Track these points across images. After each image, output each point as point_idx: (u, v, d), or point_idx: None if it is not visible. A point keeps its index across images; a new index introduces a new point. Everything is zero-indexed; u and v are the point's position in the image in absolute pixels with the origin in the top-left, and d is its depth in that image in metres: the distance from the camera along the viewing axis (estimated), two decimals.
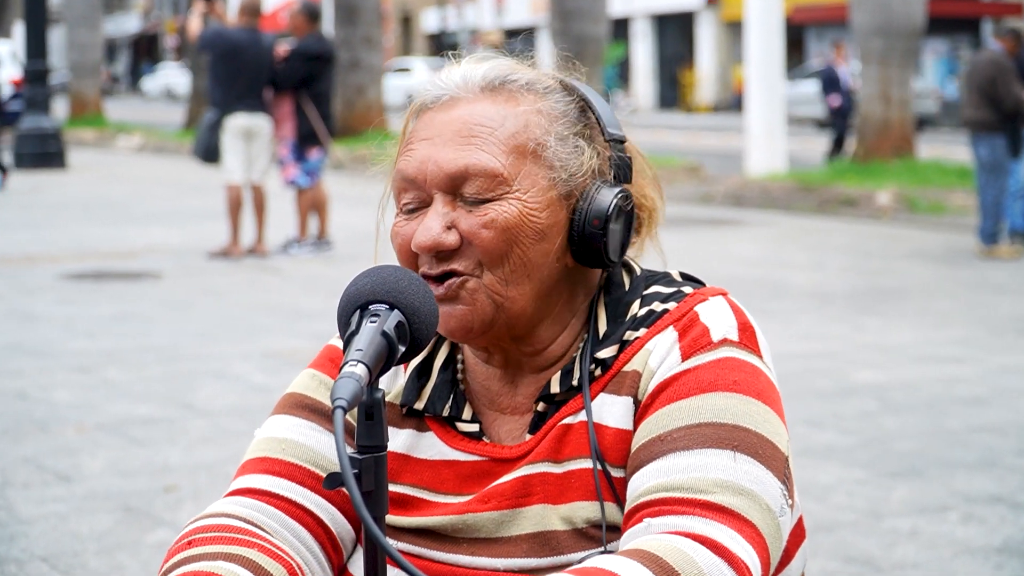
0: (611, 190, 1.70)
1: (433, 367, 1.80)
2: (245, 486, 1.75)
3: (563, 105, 1.73)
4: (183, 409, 6.58)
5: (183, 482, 5.40)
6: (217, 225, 12.86)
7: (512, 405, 1.77)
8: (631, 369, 1.69)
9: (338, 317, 1.55)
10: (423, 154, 1.69)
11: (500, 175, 1.66)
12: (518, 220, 1.66)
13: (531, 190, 1.67)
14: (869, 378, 7.36)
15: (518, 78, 1.73)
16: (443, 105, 1.71)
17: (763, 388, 1.66)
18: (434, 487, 1.75)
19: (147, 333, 8.51)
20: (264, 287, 10.51)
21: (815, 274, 11.21)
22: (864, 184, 16.39)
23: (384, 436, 1.47)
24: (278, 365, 7.53)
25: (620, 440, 1.67)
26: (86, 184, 19.12)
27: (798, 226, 14.87)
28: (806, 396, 6.87)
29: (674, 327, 1.69)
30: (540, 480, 1.69)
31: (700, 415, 1.62)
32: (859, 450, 5.94)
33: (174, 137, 26.95)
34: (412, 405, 1.78)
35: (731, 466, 1.58)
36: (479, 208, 1.66)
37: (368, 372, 1.44)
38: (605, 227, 1.69)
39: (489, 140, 1.67)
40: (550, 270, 1.69)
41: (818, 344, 8.26)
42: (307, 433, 1.78)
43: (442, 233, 1.66)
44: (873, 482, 5.48)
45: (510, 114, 1.69)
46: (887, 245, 13.25)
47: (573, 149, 1.70)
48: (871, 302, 9.84)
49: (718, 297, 1.73)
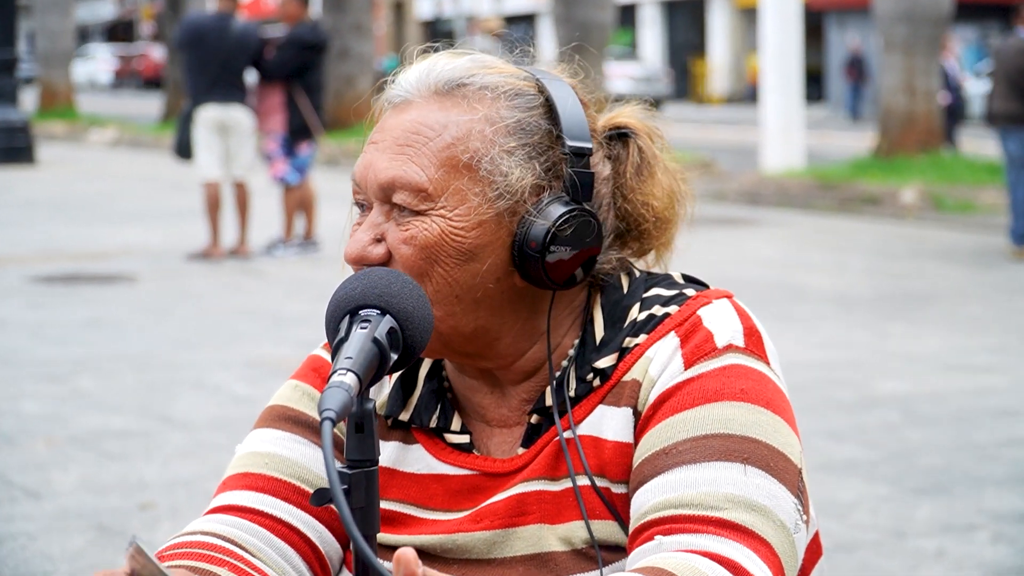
0: (558, 209, 1.67)
1: (418, 376, 1.80)
2: (226, 503, 1.76)
3: (520, 112, 1.69)
4: (160, 421, 6.59)
5: (160, 499, 5.40)
6: (197, 225, 12.88)
7: (500, 417, 1.77)
8: (631, 378, 1.69)
9: (326, 323, 1.55)
10: (368, 158, 1.70)
11: (425, 189, 1.65)
12: (438, 239, 1.65)
13: (459, 207, 1.65)
14: (893, 388, 7.36)
15: (474, 81, 1.70)
16: (397, 107, 1.72)
17: (772, 396, 1.66)
18: (422, 503, 1.75)
19: (121, 340, 8.51)
20: (247, 291, 10.52)
21: (836, 277, 11.22)
22: (888, 181, 16.39)
23: (375, 449, 1.48)
24: (261, 374, 7.53)
25: (620, 454, 1.67)
26: (56, 181, 19.13)
27: (817, 226, 14.87)
28: (826, 407, 6.87)
29: (676, 333, 1.69)
30: (536, 498, 1.69)
31: (707, 426, 1.62)
32: (882, 465, 5.94)
33: (151, 130, 26.96)
34: (397, 416, 1.78)
35: (742, 480, 1.59)
36: (405, 221, 1.67)
37: (358, 381, 1.44)
38: (544, 250, 1.66)
39: (421, 151, 1.66)
40: (487, 291, 1.67)
41: (839, 352, 8.27)
42: (291, 446, 1.78)
43: (368, 246, 1.67)
44: (897, 499, 5.48)
45: (453, 122, 1.67)
46: (912, 246, 13.26)
47: (519, 163, 1.68)
48: (896, 307, 9.85)
49: (722, 300, 1.73)
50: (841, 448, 6.16)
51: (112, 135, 27.10)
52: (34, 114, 28.77)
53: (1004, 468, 5.91)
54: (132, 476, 5.71)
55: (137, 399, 7.01)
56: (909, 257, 12.53)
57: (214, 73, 11.72)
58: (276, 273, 11.36)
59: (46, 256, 12.08)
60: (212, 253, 11.92)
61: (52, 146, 24.86)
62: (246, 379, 7.44)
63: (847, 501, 5.42)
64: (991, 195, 15.46)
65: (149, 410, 6.79)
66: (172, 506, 5.31)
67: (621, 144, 1.80)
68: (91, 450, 6.08)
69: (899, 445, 6.26)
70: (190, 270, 11.42)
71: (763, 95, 19.06)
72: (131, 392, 7.16)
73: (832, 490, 5.54)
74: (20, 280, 10.78)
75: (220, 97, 11.77)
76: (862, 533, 5.07)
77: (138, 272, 11.20)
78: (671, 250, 1.83)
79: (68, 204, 16.18)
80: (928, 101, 18.09)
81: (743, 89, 45.12)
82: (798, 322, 9.06)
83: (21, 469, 5.79)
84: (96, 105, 36.20)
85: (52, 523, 5.12)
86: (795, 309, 9.51)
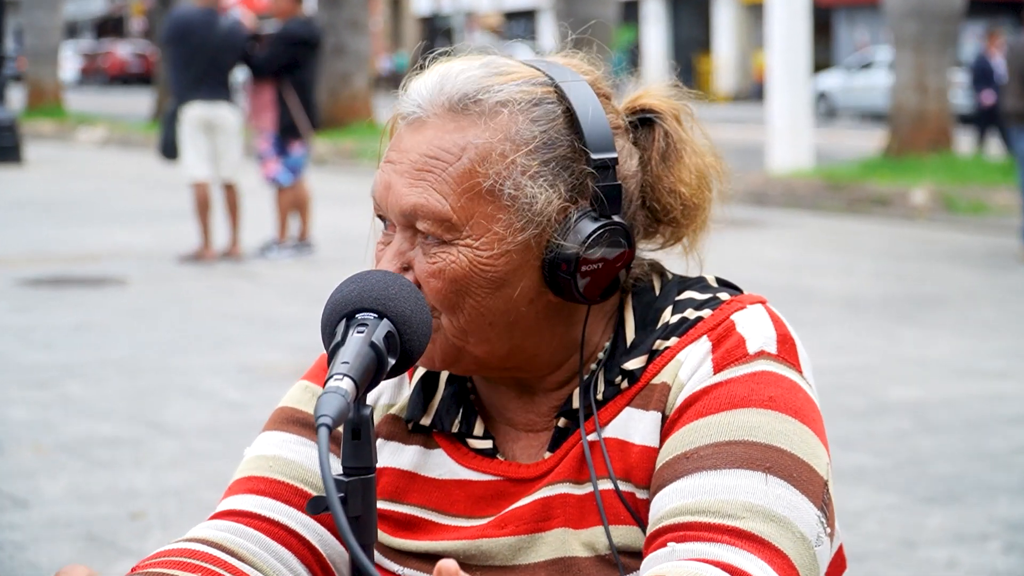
0: (587, 226, 1.67)
1: (440, 379, 1.80)
2: (227, 508, 1.77)
3: (540, 126, 1.68)
4: (150, 428, 6.59)
5: (150, 508, 5.40)
6: (188, 226, 12.88)
7: (527, 422, 1.77)
8: (660, 381, 1.69)
9: (322, 327, 1.56)
10: (387, 179, 1.69)
11: (449, 219, 1.64)
12: (468, 271, 1.64)
13: (484, 235, 1.65)
14: (904, 394, 7.36)
15: (490, 95, 1.68)
16: (411, 124, 1.70)
17: (801, 406, 1.66)
18: (444, 508, 1.75)
19: (111, 345, 8.51)
20: (239, 294, 10.52)
21: (844, 280, 11.22)
22: (898, 181, 16.40)
23: (372, 457, 1.48)
24: (254, 380, 7.53)
25: (646, 458, 1.67)
26: (44, 181, 19.13)
27: (826, 227, 14.88)
28: (835, 414, 6.87)
29: (708, 337, 1.69)
30: (560, 502, 1.69)
31: (731, 432, 1.62)
32: (893, 473, 5.95)
33: (141, 129, 26.97)
34: (419, 420, 1.79)
35: (763, 489, 1.58)
36: (431, 252, 1.66)
37: (355, 387, 1.44)
38: (574, 270, 1.66)
39: (441, 178, 1.65)
40: (520, 314, 1.67)
41: (848, 357, 8.27)
42: (297, 449, 1.79)
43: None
44: (908, 508, 5.48)
45: (472, 144, 1.65)
46: (923, 248, 13.26)
47: (544, 186, 1.66)
48: (906, 311, 9.85)
49: (757, 305, 1.73)
50: (850, 456, 6.16)
51: (101, 134, 27.11)
52: (21, 112, 28.79)
53: (1018, 476, 5.91)
54: (122, 484, 5.71)
55: (127, 405, 7.01)
56: (920, 259, 12.54)
57: (200, 70, 11.71)
58: (269, 276, 11.36)
59: (33, 258, 12.08)
60: (203, 255, 11.92)
61: (40, 145, 24.87)
62: (239, 385, 7.44)
63: (856, 510, 5.43)
64: (1004, 196, 15.46)
65: (139, 417, 6.79)
66: (163, 515, 5.31)
67: (645, 129, 1.78)
68: (80, 458, 6.08)
69: (910, 453, 6.26)
70: (181, 273, 11.42)
71: (770, 93, 19.07)
72: (120, 398, 7.16)
73: (841, 499, 5.52)
74: (6, 283, 10.78)
75: (206, 95, 11.77)
76: (872, 543, 5.07)
77: (128, 275, 11.20)
78: (706, 233, 1.81)
79: (56, 205, 16.18)
80: (940, 99, 18.09)
81: (749, 87, 45.13)
82: (806, 326, 9.06)
83: (8, 477, 5.79)
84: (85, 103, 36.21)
85: (40, 532, 5.12)
86: (803, 313, 9.50)
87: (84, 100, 38.45)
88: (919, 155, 17.77)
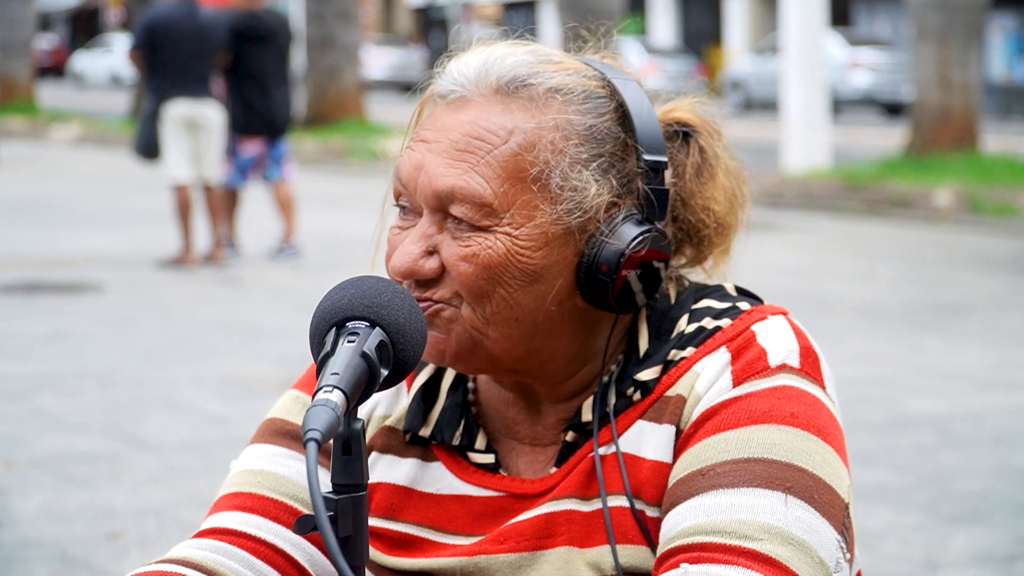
0: (631, 229, 1.68)
1: (440, 388, 1.80)
2: (211, 526, 1.77)
3: (592, 118, 1.69)
4: (128, 443, 6.59)
5: (128, 528, 5.40)
6: (168, 230, 12.88)
7: (533, 435, 1.78)
8: (675, 393, 1.69)
9: (310, 336, 1.56)
10: (418, 158, 1.68)
11: (489, 204, 1.64)
12: (504, 259, 1.65)
13: (525, 225, 1.65)
14: (927, 407, 7.36)
15: (542, 80, 1.69)
16: (452, 103, 1.69)
17: (824, 424, 1.66)
18: (442, 525, 1.76)
19: (86, 355, 8.51)
20: (222, 301, 10.52)
21: (864, 286, 11.22)
22: (920, 182, 16.41)
23: (364, 473, 1.48)
24: (238, 392, 7.53)
25: (658, 474, 1.67)
26: (15, 181, 19.13)
27: (844, 230, 14.89)
28: (854, 427, 6.87)
29: (727, 348, 1.69)
30: (565, 519, 1.70)
31: (749, 449, 1.62)
32: (914, 491, 5.95)
33: (118, 127, 26.97)
34: (418, 431, 1.79)
35: (782, 511, 1.58)
36: (464, 236, 1.66)
37: (345, 399, 1.44)
38: (614, 274, 1.67)
39: (485, 160, 1.65)
40: (548, 314, 1.68)
41: (867, 368, 8.27)
42: (286, 463, 1.79)
43: (419, 259, 1.67)
44: (930, 528, 5.48)
45: (520, 128, 1.66)
46: (947, 253, 13.27)
47: (594, 177, 1.67)
48: (929, 319, 9.85)
49: (778, 316, 1.73)
50: (870, 472, 6.16)
51: (76, 132, 27.11)
52: None
53: None
54: (98, 502, 5.71)
55: (103, 419, 7.01)
56: (943, 264, 12.54)
57: (183, 66, 11.73)
58: (254, 282, 11.36)
59: (4, 263, 12.08)
60: (184, 260, 11.93)
61: (11, 143, 24.86)
62: (221, 397, 7.44)
63: (876, 530, 5.43)
64: None
65: (116, 431, 6.79)
66: (141, 535, 5.31)
67: (680, 142, 1.79)
68: (54, 475, 6.08)
69: (933, 469, 6.27)
70: (160, 279, 11.42)
71: (785, 88, 19.07)
72: (96, 411, 7.16)
73: (860, 518, 5.53)
74: None
75: (191, 91, 11.79)
76: (892, 565, 5.07)
77: (104, 281, 11.20)
78: (729, 257, 1.83)
79: (28, 207, 16.18)
80: (965, 94, 18.10)
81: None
82: (823, 335, 9.06)
83: None
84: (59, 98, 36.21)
85: (12, 553, 5.12)
86: (819, 321, 9.51)
87: (58, 96, 38.46)
88: (943, 154, 17.78)
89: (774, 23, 31.74)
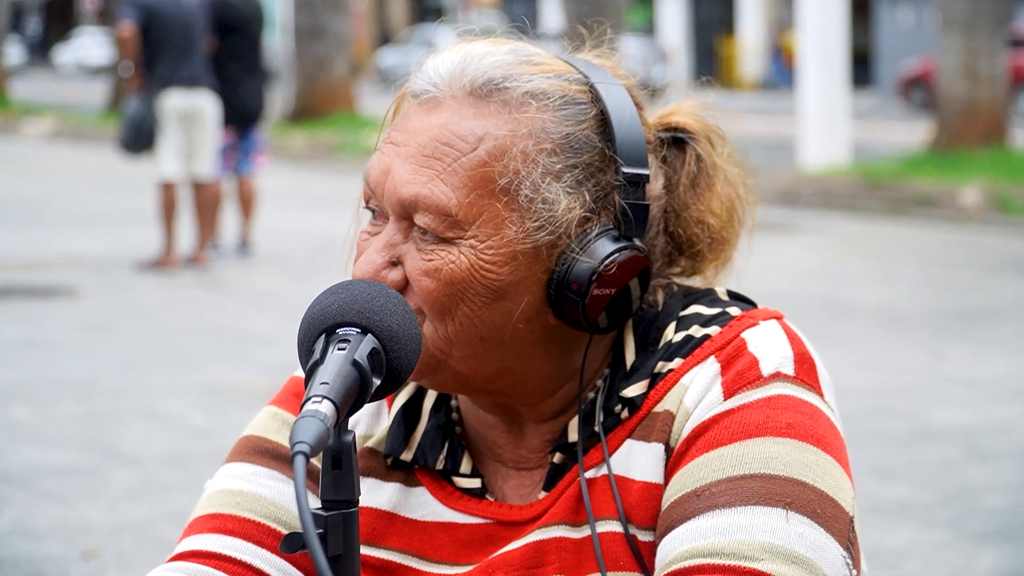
0: (605, 246, 1.67)
1: (423, 408, 1.80)
2: (189, 549, 1.76)
3: (570, 126, 1.68)
4: (105, 457, 6.59)
5: (105, 547, 5.40)
6: (148, 230, 12.88)
7: (517, 458, 1.77)
8: (663, 409, 1.68)
9: (299, 343, 1.55)
10: (387, 162, 1.68)
11: (453, 215, 1.64)
12: (467, 275, 1.64)
13: (491, 238, 1.64)
14: (952, 418, 7.36)
15: (518, 84, 1.68)
16: (424, 104, 1.69)
17: (823, 433, 1.66)
18: (425, 553, 1.75)
19: (61, 363, 8.51)
20: (205, 306, 10.52)
21: (885, 290, 11.22)
22: (945, 179, 16.40)
23: (355, 488, 1.48)
24: (222, 403, 7.53)
25: (648, 496, 1.67)
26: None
27: (864, 231, 14.88)
28: (874, 441, 6.88)
29: (716, 357, 1.69)
30: (556, 547, 1.69)
31: (745, 465, 1.62)
32: (939, 507, 5.95)
33: (94, 121, 26.97)
34: (399, 455, 1.78)
35: (783, 528, 1.58)
36: (428, 248, 1.65)
37: (335, 410, 1.44)
38: (585, 292, 1.65)
39: (451, 168, 1.64)
40: (516, 332, 1.67)
41: (889, 377, 8.27)
42: (266, 483, 1.79)
43: (382, 269, 1.66)
44: (955, 546, 5.48)
45: (491, 134, 1.65)
46: (974, 254, 13.26)
47: (566, 190, 1.66)
48: (955, 325, 9.85)
49: (771, 321, 1.72)
50: (891, 488, 6.16)
51: (50, 126, 27.10)
52: None
53: None
54: (73, 519, 5.71)
55: (79, 431, 7.01)
56: (969, 267, 12.54)
57: (176, 54, 11.70)
58: (239, 286, 11.36)
59: None
60: (165, 262, 11.92)
61: None
62: (205, 408, 7.44)
63: (897, 549, 5.43)
64: None
65: (93, 443, 6.79)
66: (119, 554, 5.31)
67: (675, 149, 1.79)
68: (26, 490, 6.08)
69: (958, 484, 6.26)
70: (139, 282, 11.42)
71: (802, 80, 19.07)
72: (72, 423, 7.16)
73: (881, 536, 5.54)
74: None
75: (185, 81, 11.77)
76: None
77: (80, 284, 11.20)
78: (728, 268, 1.82)
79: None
80: (992, 87, 18.08)
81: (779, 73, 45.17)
82: (842, 342, 9.06)
83: None
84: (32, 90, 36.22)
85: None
86: (838, 327, 9.51)
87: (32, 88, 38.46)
88: (969, 149, 17.76)
89: (791, 13, 31.76)
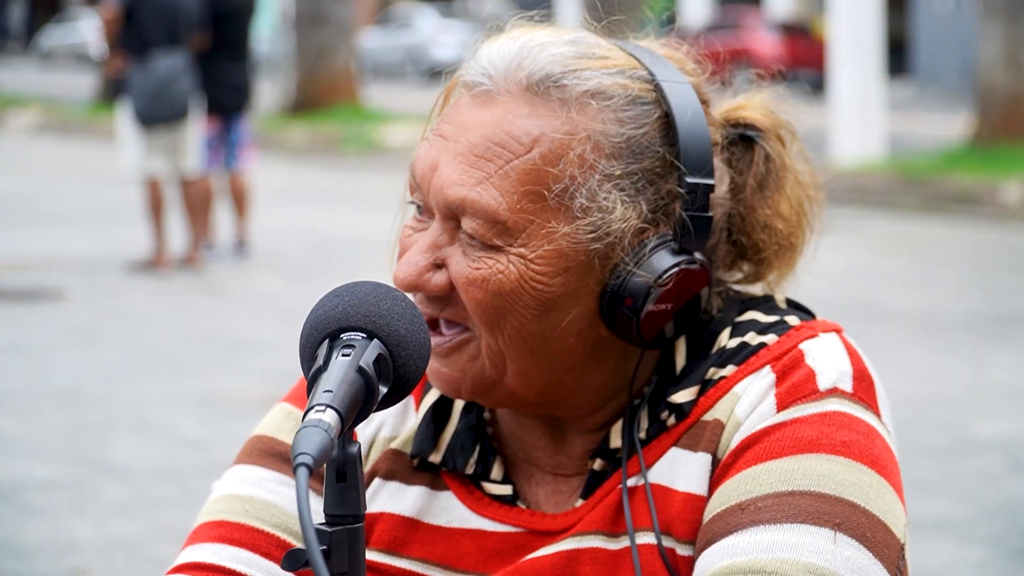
0: (663, 260, 1.67)
1: (453, 408, 1.80)
2: (191, 560, 1.76)
3: (631, 128, 1.67)
4: (94, 470, 6.59)
5: (94, 564, 5.40)
6: (138, 229, 12.88)
7: (555, 463, 1.77)
8: (712, 418, 1.69)
9: (300, 349, 1.55)
10: (434, 156, 1.68)
11: (503, 222, 1.64)
12: (516, 286, 1.64)
13: (542, 248, 1.64)
14: (994, 430, 7.35)
15: (578, 82, 1.66)
16: (477, 96, 1.68)
17: (879, 454, 1.66)
18: (450, 563, 1.75)
19: (46, 370, 8.52)
20: (199, 311, 10.52)
21: (923, 293, 11.21)
22: (987, 175, 16.37)
23: (361, 503, 1.48)
24: (218, 412, 7.53)
25: (691, 508, 1.67)
26: None
27: (900, 230, 14.86)
28: (912, 452, 6.86)
29: (772, 367, 1.69)
30: (591, 557, 1.69)
31: (795, 481, 1.62)
32: (980, 523, 5.94)
33: (83, 113, 26.98)
34: (426, 456, 1.78)
35: (830, 550, 1.58)
36: (475, 254, 1.65)
37: (340, 419, 1.44)
38: (640, 308, 1.66)
39: (503, 171, 1.64)
40: (564, 345, 1.67)
41: (927, 385, 8.26)
42: (276, 489, 1.78)
43: (425, 272, 1.67)
44: (997, 563, 5.48)
45: (547, 136, 1.64)
46: (1017, 255, 13.24)
47: (623, 198, 1.66)
48: (996, 330, 9.84)
49: (831, 334, 1.73)
50: (930, 503, 6.15)
51: (35, 118, 27.13)
52: None
53: None
54: (60, 536, 5.71)
55: (65, 442, 7.01)
56: (1012, 268, 12.52)
57: (163, 37, 11.69)
58: (235, 289, 11.36)
59: None
60: (156, 263, 11.92)
61: None
62: (200, 418, 7.45)
63: (936, 567, 5.42)
64: None
65: (80, 456, 6.80)
66: (109, 573, 5.32)
67: (743, 148, 1.78)
68: (10, 505, 6.09)
69: (1000, 499, 6.26)
70: (130, 285, 11.43)
71: (834, 69, 19.05)
72: (58, 434, 7.17)
73: (919, 554, 5.53)
74: None
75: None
76: None
77: (67, 287, 11.21)
78: (793, 273, 1.82)
79: None
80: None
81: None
82: (877, 349, 9.05)
83: None
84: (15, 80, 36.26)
85: None
86: (873, 333, 9.50)
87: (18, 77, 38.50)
88: (1012, 143, 17.72)
89: None
